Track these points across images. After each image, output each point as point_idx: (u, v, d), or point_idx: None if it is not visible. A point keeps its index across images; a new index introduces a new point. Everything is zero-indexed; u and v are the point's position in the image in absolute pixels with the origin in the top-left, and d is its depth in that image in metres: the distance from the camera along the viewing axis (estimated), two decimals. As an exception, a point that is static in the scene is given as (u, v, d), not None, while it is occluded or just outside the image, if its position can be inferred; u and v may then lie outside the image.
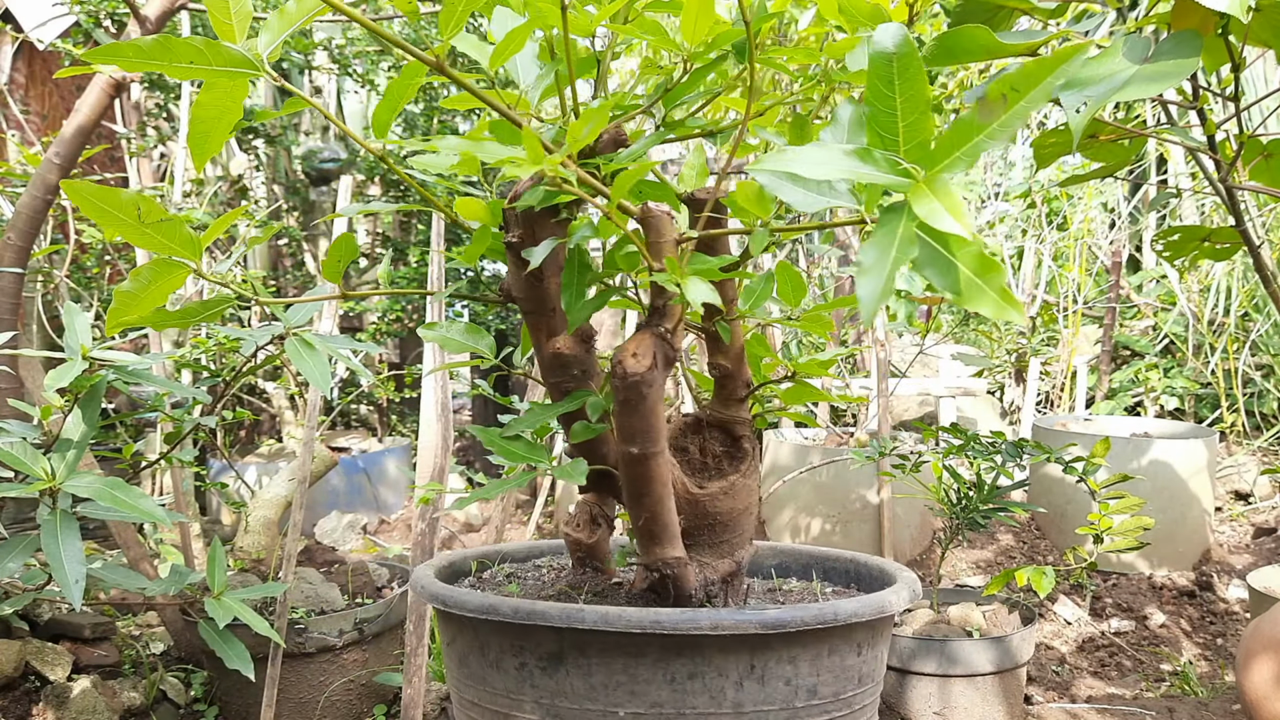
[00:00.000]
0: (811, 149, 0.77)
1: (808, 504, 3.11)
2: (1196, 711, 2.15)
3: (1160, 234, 1.68)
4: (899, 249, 0.71)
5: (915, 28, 2.75)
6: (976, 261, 0.71)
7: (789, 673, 1.10)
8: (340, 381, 4.48)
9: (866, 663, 1.19)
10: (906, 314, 3.34)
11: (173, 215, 0.99)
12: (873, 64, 0.76)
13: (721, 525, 1.21)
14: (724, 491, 1.20)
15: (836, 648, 1.13)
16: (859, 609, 1.11)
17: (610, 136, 1.07)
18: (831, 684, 1.13)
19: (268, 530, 2.49)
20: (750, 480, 1.22)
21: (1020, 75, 0.72)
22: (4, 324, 2.09)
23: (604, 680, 1.08)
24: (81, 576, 1.37)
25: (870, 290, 0.70)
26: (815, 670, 1.12)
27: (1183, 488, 3.01)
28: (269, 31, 0.96)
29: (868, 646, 1.19)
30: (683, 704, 1.07)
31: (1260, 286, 4.27)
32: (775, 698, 1.10)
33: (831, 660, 1.13)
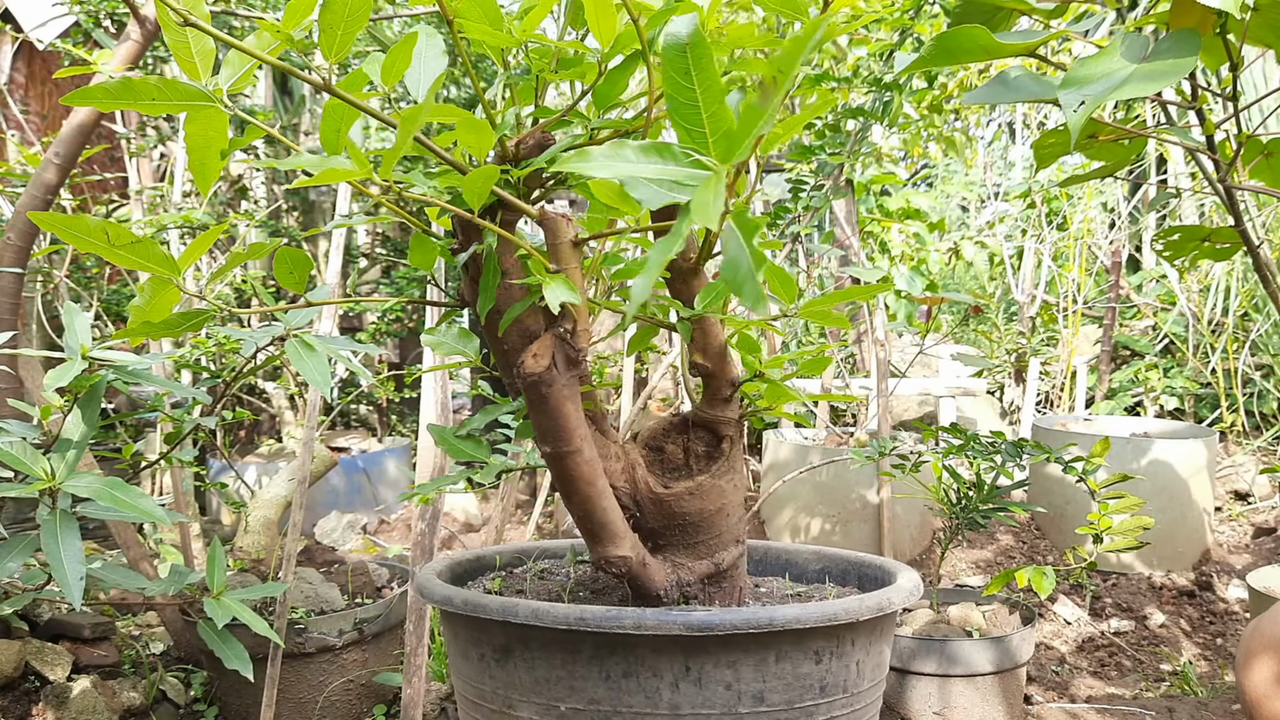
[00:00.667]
0: (603, 150, 0.78)
1: (808, 504, 3.11)
2: (1196, 711, 2.15)
3: (1160, 234, 1.68)
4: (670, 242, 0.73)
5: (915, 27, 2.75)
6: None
7: (728, 677, 1.10)
8: (340, 382, 4.48)
9: (832, 672, 1.14)
10: (906, 314, 3.33)
11: (142, 237, 1.02)
12: (667, 56, 0.75)
13: (693, 526, 1.21)
14: (690, 492, 1.19)
15: (786, 654, 1.11)
16: (801, 615, 1.08)
17: (535, 141, 1.08)
18: (783, 691, 1.11)
19: (267, 530, 2.49)
20: (722, 481, 1.20)
21: (783, 58, 0.72)
22: (4, 324, 2.09)
23: (545, 674, 1.12)
24: (81, 576, 1.37)
25: (640, 287, 0.74)
26: (761, 676, 1.11)
27: (1182, 488, 3.01)
28: (229, 66, 1.01)
29: (831, 655, 1.14)
30: (619, 702, 1.10)
31: (1260, 286, 4.27)
32: (715, 701, 1.10)
33: (781, 667, 1.11)
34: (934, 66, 1.17)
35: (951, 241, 5.01)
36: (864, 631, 1.17)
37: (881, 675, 1.26)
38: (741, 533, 1.26)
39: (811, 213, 2.76)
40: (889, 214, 4.00)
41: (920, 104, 3.14)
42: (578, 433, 1.06)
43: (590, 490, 1.10)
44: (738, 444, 1.23)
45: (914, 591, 1.24)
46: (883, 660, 1.26)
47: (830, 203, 2.77)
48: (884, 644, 1.24)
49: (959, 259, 5.05)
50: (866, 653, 1.19)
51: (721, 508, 1.21)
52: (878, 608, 1.15)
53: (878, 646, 1.22)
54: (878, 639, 1.22)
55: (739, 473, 1.23)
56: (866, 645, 1.19)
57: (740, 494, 1.25)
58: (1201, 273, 4.56)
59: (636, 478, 1.21)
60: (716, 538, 1.22)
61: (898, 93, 2.59)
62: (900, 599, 1.20)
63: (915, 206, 4.03)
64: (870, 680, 1.22)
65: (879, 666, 1.25)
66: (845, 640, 1.15)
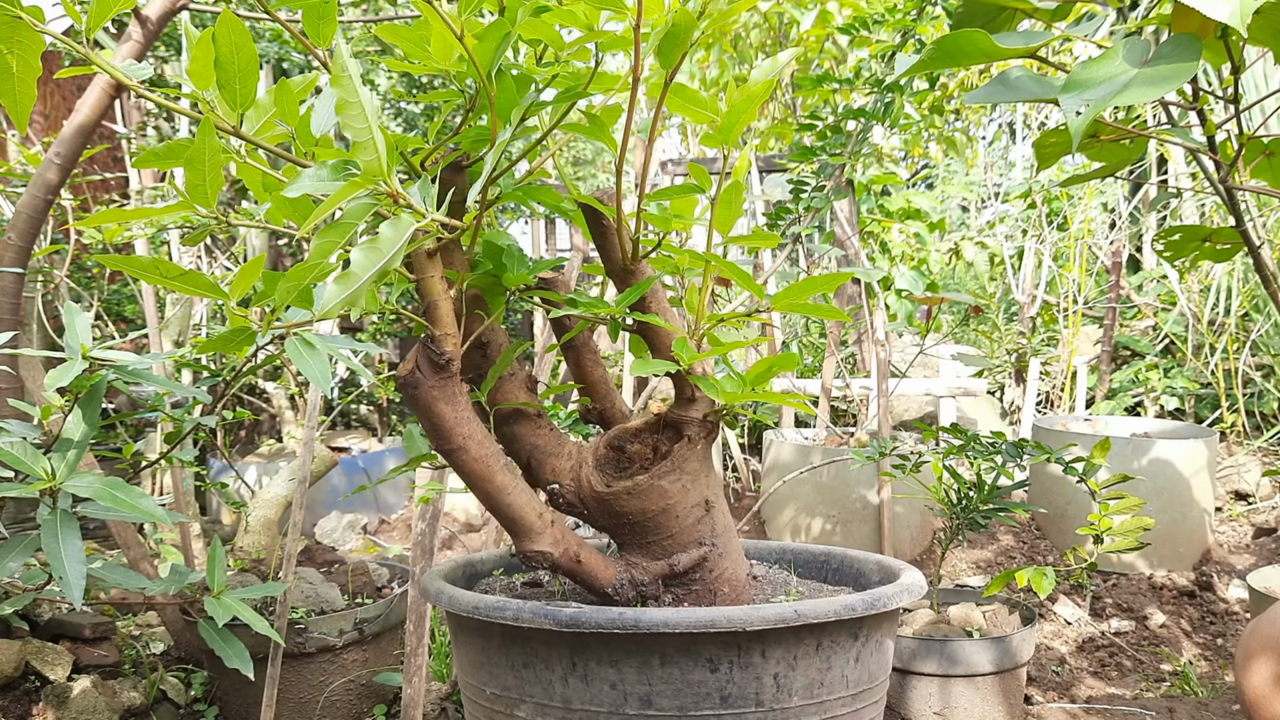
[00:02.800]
0: (309, 171, 0.95)
1: (808, 504, 3.11)
2: (1196, 711, 2.15)
3: (1161, 234, 1.68)
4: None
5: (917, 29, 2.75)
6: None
7: (613, 676, 1.11)
8: (340, 381, 4.48)
9: (734, 684, 1.10)
10: (907, 314, 3.33)
11: (188, 270, 1.07)
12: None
13: (640, 526, 1.21)
14: (628, 492, 1.19)
15: (672, 659, 1.09)
16: (670, 619, 1.07)
17: (455, 162, 1.14)
18: (672, 697, 1.10)
19: (268, 530, 2.49)
20: (663, 482, 1.19)
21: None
22: (4, 324, 2.09)
23: (475, 659, 1.23)
24: (82, 576, 1.37)
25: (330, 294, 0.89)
26: (646, 679, 1.10)
27: (1183, 488, 3.01)
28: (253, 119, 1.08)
29: (732, 665, 1.10)
30: (524, 690, 1.17)
31: (1260, 287, 4.27)
32: (602, 700, 1.12)
33: (667, 671, 1.10)
34: (935, 69, 1.17)
35: (952, 242, 5.01)
36: (778, 643, 1.11)
37: (831, 696, 1.16)
38: (704, 535, 1.22)
39: (812, 213, 2.76)
40: (889, 214, 4.00)
41: (921, 105, 3.14)
42: (457, 432, 1.11)
43: (488, 487, 1.15)
44: (694, 445, 1.20)
45: (851, 607, 1.13)
46: (828, 680, 1.15)
47: (831, 203, 2.77)
48: (819, 661, 1.14)
49: (959, 259, 5.06)
50: (791, 666, 1.12)
51: (666, 509, 1.20)
52: (777, 619, 1.08)
53: (810, 663, 1.13)
54: (808, 655, 1.13)
55: (690, 474, 1.20)
56: (788, 658, 1.11)
57: (696, 496, 1.22)
58: (1202, 273, 4.56)
59: (581, 476, 1.22)
60: (669, 539, 1.21)
61: (899, 94, 2.59)
62: (820, 611, 1.11)
63: (916, 207, 4.03)
64: (803, 698, 1.13)
65: (820, 685, 1.14)
66: (750, 650, 1.10)
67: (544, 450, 1.23)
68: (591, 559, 1.21)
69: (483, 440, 1.14)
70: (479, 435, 1.14)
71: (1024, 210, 5.17)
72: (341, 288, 0.91)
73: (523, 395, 1.24)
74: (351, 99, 0.90)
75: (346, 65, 0.89)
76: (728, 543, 1.26)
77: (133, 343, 3.65)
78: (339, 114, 0.92)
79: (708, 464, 1.24)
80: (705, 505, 1.22)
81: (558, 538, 1.19)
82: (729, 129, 1.07)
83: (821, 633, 1.13)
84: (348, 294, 0.91)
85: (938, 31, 2.61)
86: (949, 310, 4.16)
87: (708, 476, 1.23)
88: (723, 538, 1.25)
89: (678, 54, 1.01)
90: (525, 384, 1.25)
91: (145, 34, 2.16)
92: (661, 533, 1.21)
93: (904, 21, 2.64)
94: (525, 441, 1.23)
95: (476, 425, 1.14)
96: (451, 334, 1.10)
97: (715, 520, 1.24)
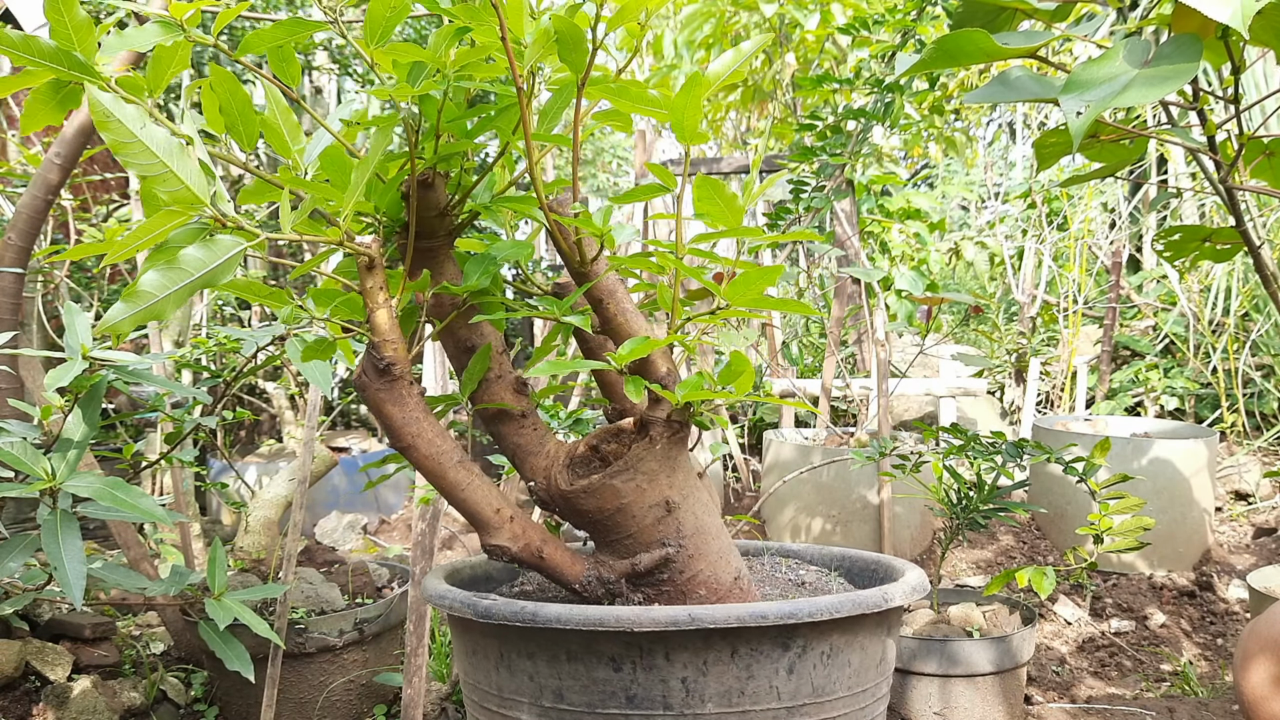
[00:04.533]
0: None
1: (809, 504, 3.11)
2: (1196, 712, 2.15)
3: (1161, 234, 1.68)
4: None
5: (917, 29, 2.75)
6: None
7: (530, 669, 1.17)
8: (340, 381, 4.48)
9: (639, 685, 1.10)
10: (907, 314, 3.34)
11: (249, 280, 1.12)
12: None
13: (601, 525, 1.23)
14: (584, 491, 1.21)
15: (577, 655, 1.13)
16: (562, 615, 1.10)
17: (421, 179, 1.17)
18: (580, 693, 1.13)
19: (268, 530, 2.49)
20: (616, 481, 1.19)
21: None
22: (5, 324, 2.09)
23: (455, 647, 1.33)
24: (82, 576, 1.37)
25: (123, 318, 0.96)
26: (556, 673, 1.15)
27: (1183, 488, 3.01)
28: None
29: (635, 666, 1.10)
30: (474, 676, 1.27)
31: (1260, 287, 4.27)
32: (524, 690, 1.19)
33: (574, 667, 1.13)
34: (935, 69, 1.17)
35: (952, 242, 5.01)
36: (683, 647, 1.10)
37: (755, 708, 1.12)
38: (666, 536, 1.22)
39: (813, 213, 2.76)
40: (889, 214, 4.00)
41: (921, 105, 3.14)
42: (406, 430, 1.18)
43: (441, 483, 1.20)
44: (654, 445, 1.20)
45: (762, 615, 1.09)
46: (750, 690, 1.11)
47: (831, 203, 2.77)
48: (737, 669, 1.11)
49: (959, 259, 5.06)
50: (701, 672, 1.10)
51: (621, 508, 1.21)
52: (669, 621, 1.08)
53: (725, 670, 1.10)
54: (721, 661, 1.10)
55: (646, 474, 1.20)
56: (696, 663, 1.11)
57: (655, 496, 1.22)
58: (1202, 273, 4.56)
59: (551, 475, 1.24)
60: (629, 538, 1.22)
61: (899, 94, 2.59)
62: (718, 616, 1.08)
63: (916, 206, 4.03)
64: (719, 705, 1.12)
65: (740, 695, 1.11)
66: (653, 653, 1.11)
67: (525, 449, 1.27)
68: (556, 555, 1.24)
69: (433, 439, 1.19)
70: (429, 434, 1.19)
71: (1024, 210, 5.17)
72: (128, 305, 0.95)
73: (508, 397, 1.27)
74: (127, 139, 0.94)
75: (109, 109, 0.92)
76: (701, 545, 1.24)
77: (133, 343, 3.64)
78: (116, 154, 0.95)
79: (671, 465, 1.22)
80: (665, 506, 1.21)
81: (516, 533, 1.22)
82: (679, 124, 1.08)
83: (736, 639, 1.11)
84: (134, 313, 0.96)
85: (938, 31, 2.62)
86: (949, 310, 4.16)
87: (670, 477, 1.22)
88: (693, 539, 1.23)
89: (582, 57, 1.05)
90: (513, 386, 1.28)
91: (145, 34, 2.16)
92: (621, 532, 1.23)
93: (904, 22, 2.64)
94: (509, 441, 1.27)
95: (427, 425, 1.19)
96: (391, 340, 1.15)
97: (681, 521, 1.23)
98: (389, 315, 1.15)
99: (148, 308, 0.96)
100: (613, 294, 1.21)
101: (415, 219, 1.18)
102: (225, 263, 0.97)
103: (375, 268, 1.13)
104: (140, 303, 0.96)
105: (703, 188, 1.13)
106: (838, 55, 3.85)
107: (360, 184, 1.06)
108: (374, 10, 1.02)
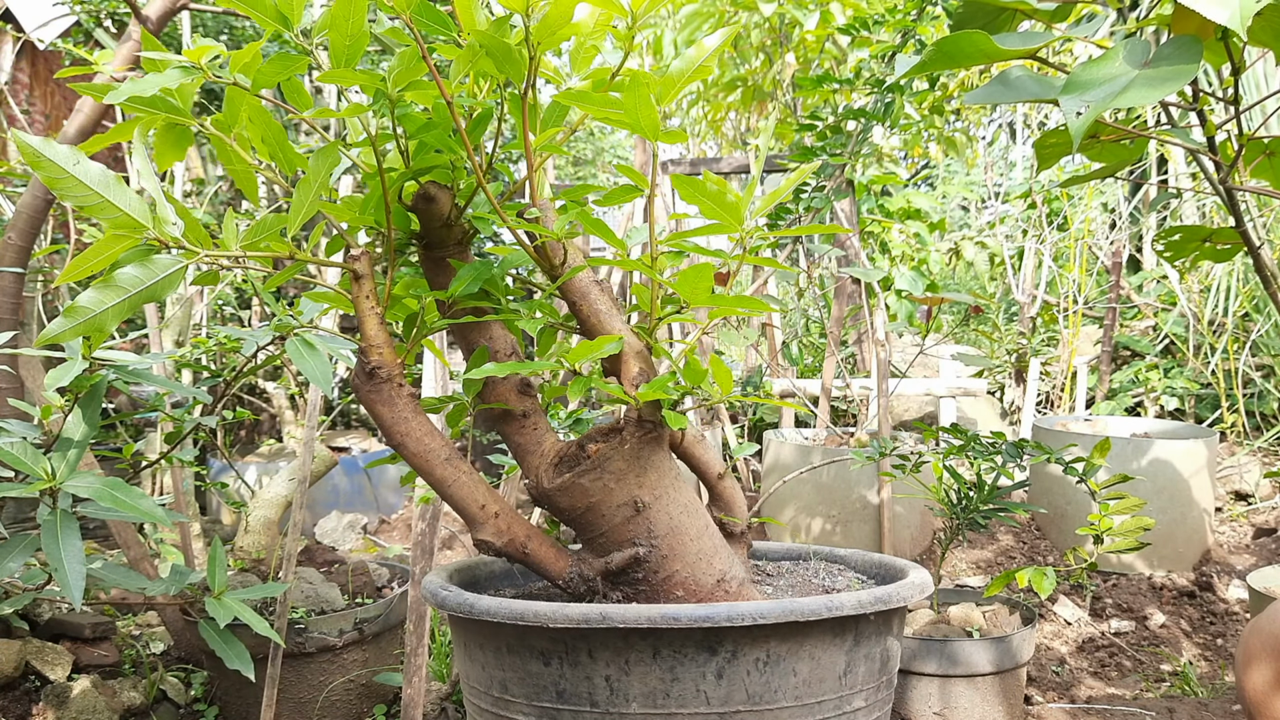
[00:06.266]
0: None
1: (809, 504, 3.11)
2: (1196, 712, 2.15)
3: (1161, 234, 1.68)
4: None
5: (918, 29, 2.75)
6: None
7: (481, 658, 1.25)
8: (340, 381, 4.48)
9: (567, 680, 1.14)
10: (907, 314, 3.33)
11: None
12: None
13: (578, 523, 1.26)
14: (559, 490, 1.24)
15: (514, 648, 1.20)
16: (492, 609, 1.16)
17: (420, 194, 1.25)
18: (519, 685, 1.20)
19: (268, 530, 2.49)
20: (584, 481, 1.22)
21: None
22: (5, 324, 2.09)
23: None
24: (82, 576, 1.37)
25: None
26: (500, 665, 1.23)
27: (1183, 488, 3.01)
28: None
29: (562, 661, 1.13)
30: (459, 666, 1.32)
31: (1260, 287, 4.27)
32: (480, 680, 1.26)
33: (512, 659, 1.21)
34: (936, 69, 1.17)
35: (952, 242, 5.01)
36: (604, 645, 1.12)
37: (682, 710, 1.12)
38: (637, 535, 1.23)
39: (813, 213, 2.76)
40: (889, 214, 4.00)
41: (921, 105, 3.15)
42: (395, 429, 1.25)
43: (430, 479, 1.25)
44: (623, 445, 1.22)
45: (674, 618, 1.09)
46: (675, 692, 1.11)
47: (831, 203, 2.77)
48: (660, 669, 1.11)
49: (959, 259, 5.06)
50: (624, 671, 1.11)
51: (590, 507, 1.23)
52: (580, 618, 1.10)
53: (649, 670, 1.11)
54: (643, 662, 1.11)
55: (614, 474, 1.22)
56: (618, 662, 1.12)
57: (623, 495, 1.23)
58: (1202, 273, 4.56)
59: (539, 473, 1.27)
60: (602, 536, 1.25)
61: (899, 94, 2.59)
62: (631, 616, 1.09)
63: (916, 207, 4.04)
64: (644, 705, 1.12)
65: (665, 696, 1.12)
66: (577, 649, 1.13)
67: (524, 448, 1.30)
68: (541, 550, 1.28)
69: (420, 437, 1.24)
70: (417, 433, 1.24)
71: (1024, 210, 5.17)
72: (67, 320, 1.05)
73: (512, 398, 1.31)
74: (60, 176, 1.03)
75: (39, 150, 1.01)
76: (675, 546, 1.24)
77: (133, 343, 3.65)
78: (52, 190, 1.04)
79: (641, 465, 1.23)
80: (635, 506, 1.23)
81: (501, 529, 1.26)
82: (636, 124, 1.10)
83: (657, 640, 1.11)
84: (71, 326, 1.05)
85: (938, 32, 2.62)
86: (949, 310, 4.16)
87: (640, 477, 1.23)
88: (667, 540, 1.24)
89: (519, 68, 1.10)
90: (516, 387, 1.31)
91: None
92: (594, 530, 1.26)
93: (904, 22, 2.64)
94: (512, 440, 1.31)
95: (415, 424, 1.24)
96: (377, 346, 1.23)
97: (653, 522, 1.24)
98: (376, 322, 1.23)
99: (87, 321, 1.05)
100: (585, 295, 1.26)
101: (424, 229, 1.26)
102: (165, 279, 1.07)
103: (363, 280, 1.21)
104: (78, 318, 1.05)
105: (683, 186, 1.14)
106: (838, 55, 3.85)
107: (304, 205, 1.14)
108: (335, 41, 1.09)
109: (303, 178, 1.15)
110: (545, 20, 1.05)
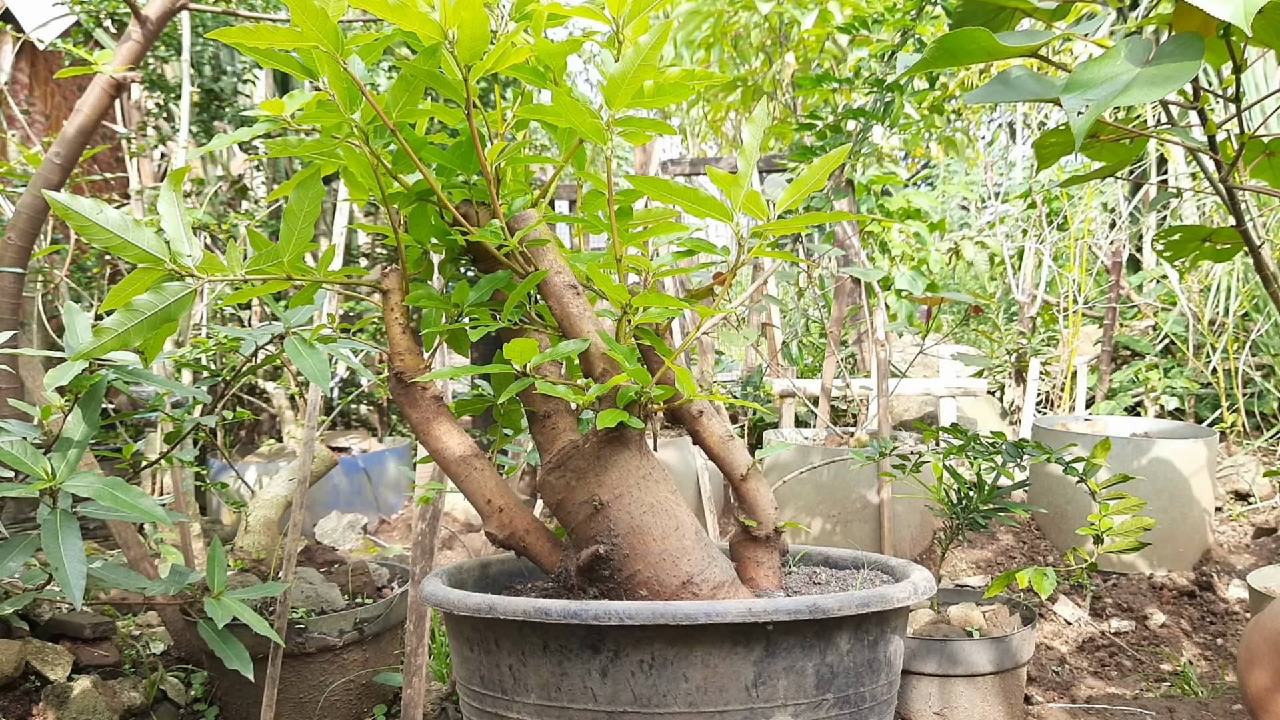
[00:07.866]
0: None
1: (808, 504, 3.11)
2: (1196, 711, 2.15)
3: (1161, 234, 1.68)
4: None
5: (917, 28, 2.75)
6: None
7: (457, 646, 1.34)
8: (340, 381, 4.47)
9: (484, 666, 1.23)
10: (907, 314, 3.33)
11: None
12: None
13: (559, 520, 1.33)
14: (540, 486, 1.32)
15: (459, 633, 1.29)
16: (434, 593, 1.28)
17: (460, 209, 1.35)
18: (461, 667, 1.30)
19: (268, 530, 2.49)
20: (550, 478, 1.29)
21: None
22: (4, 324, 2.09)
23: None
24: (82, 576, 1.37)
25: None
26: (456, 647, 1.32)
27: (1183, 488, 3.01)
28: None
29: (479, 647, 1.23)
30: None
31: (1260, 287, 4.27)
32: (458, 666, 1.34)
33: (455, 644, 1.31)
34: (936, 68, 1.17)
35: (952, 241, 5.01)
36: (506, 635, 1.20)
37: (574, 705, 1.14)
38: (598, 534, 1.26)
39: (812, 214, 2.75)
40: (889, 214, 4.00)
41: (921, 104, 3.14)
42: (420, 428, 1.35)
43: (448, 473, 1.35)
44: (586, 444, 1.27)
45: (546, 611, 1.13)
46: (565, 686, 1.14)
47: (831, 203, 2.76)
48: (549, 663, 1.16)
49: (959, 259, 5.05)
50: (522, 662, 1.18)
51: (559, 504, 1.30)
52: (470, 605, 1.20)
53: (540, 663, 1.17)
54: (536, 654, 1.17)
55: (574, 472, 1.27)
56: (516, 652, 1.19)
57: (583, 494, 1.26)
58: (1202, 273, 4.56)
59: (540, 470, 1.33)
60: (573, 533, 1.30)
61: (899, 93, 2.59)
62: (511, 610, 1.16)
63: (916, 206, 4.03)
64: (540, 697, 1.17)
65: (557, 690, 1.15)
66: (488, 638, 1.23)
67: (541, 446, 1.37)
68: (536, 544, 1.35)
69: (439, 435, 1.34)
70: (436, 431, 1.35)
71: (1024, 210, 5.17)
72: (97, 339, 1.22)
73: (536, 399, 1.38)
74: (85, 224, 1.20)
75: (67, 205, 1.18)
76: (637, 546, 1.25)
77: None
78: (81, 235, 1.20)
79: (602, 464, 1.26)
80: (593, 504, 1.26)
81: (504, 523, 1.34)
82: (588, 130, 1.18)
83: (546, 634, 1.16)
84: (100, 344, 1.21)
85: (938, 31, 2.61)
86: (949, 310, 4.16)
87: (600, 476, 1.26)
88: (628, 539, 1.25)
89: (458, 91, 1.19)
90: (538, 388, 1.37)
91: (145, 34, 2.16)
92: (567, 526, 1.31)
93: (904, 21, 2.64)
94: (535, 439, 1.39)
95: (436, 423, 1.35)
96: (401, 353, 1.35)
97: (613, 521, 1.26)
98: (400, 332, 1.36)
99: (113, 339, 1.22)
100: (560, 299, 1.31)
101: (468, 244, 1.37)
102: (175, 303, 1.23)
103: (390, 295, 1.37)
104: (104, 336, 1.22)
105: (646, 186, 1.17)
106: (837, 54, 3.85)
107: (293, 235, 1.27)
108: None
109: (287, 208, 1.26)
110: (461, 44, 1.12)
